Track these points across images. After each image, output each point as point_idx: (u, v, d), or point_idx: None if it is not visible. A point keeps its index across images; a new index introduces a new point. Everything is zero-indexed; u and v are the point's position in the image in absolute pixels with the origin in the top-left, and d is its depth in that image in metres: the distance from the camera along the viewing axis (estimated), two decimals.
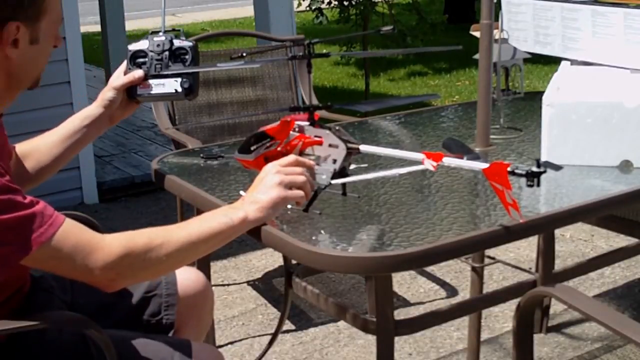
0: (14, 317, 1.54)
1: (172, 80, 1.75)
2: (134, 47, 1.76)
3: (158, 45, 1.75)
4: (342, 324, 3.05)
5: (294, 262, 2.44)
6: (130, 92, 1.79)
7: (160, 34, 1.77)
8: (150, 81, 1.75)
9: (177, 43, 1.75)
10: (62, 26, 4.30)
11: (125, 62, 1.79)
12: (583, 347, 2.86)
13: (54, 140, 1.82)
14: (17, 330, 1.57)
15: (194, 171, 2.10)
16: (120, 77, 1.81)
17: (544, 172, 1.44)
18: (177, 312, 1.83)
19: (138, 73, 1.76)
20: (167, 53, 1.74)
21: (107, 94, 1.80)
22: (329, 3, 6.82)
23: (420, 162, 1.53)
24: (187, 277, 1.88)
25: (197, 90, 1.77)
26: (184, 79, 1.74)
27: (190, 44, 1.75)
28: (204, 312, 1.90)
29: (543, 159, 1.93)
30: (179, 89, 1.75)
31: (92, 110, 1.81)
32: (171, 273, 1.86)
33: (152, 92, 1.77)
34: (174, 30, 1.82)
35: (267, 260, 3.72)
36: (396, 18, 7.08)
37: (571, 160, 1.92)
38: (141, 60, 1.77)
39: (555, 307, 3.03)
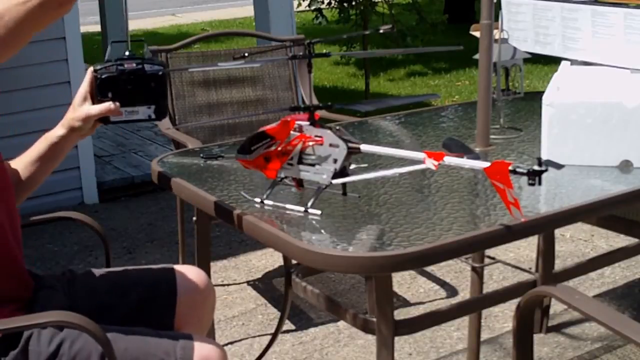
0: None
1: (144, 107, 1.71)
2: (102, 74, 1.68)
3: (130, 75, 1.69)
4: (342, 324, 3.05)
5: (294, 262, 2.44)
6: (102, 118, 1.73)
7: (130, 61, 1.69)
8: (123, 109, 1.71)
9: (148, 68, 1.70)
10: (62, 26, 4.34)
11: (86, 83, 1.72)
12: (583, 347, 2.86)
13: (25, 162, 1.80)
14: (17, 330, 1.58)
15: (194, 171, 2.10)
16: (86, 105, 1.71)
17: (546, 170, 1.44)
18: (177, 311, 1.83)
19: (113, 106, 1.69)
20: (138, 81, 1.69)
21: (75, 122, 1.72)
22: (329, 3, 6.82)
23: (421, 162, 1.54)
24: (187, 276, 1.88)
25: (166, 112, 1.76)
26: (156, 106, 1.72)
27: (160, 68, 1.70)
28: (204, 311, 1.90)
29: (543, 158, 1.93)
30: (152, 115, 1.72)
31: (58, 132, 1.75)
32: (171, 273, 1.87)
33: (125, 118, 1.72)
34: (139, 40, 1.77)
35: (267, 260, 3.72)
36: (396, 18, 7.08)
37: (571, 160, 1.92)
38: (112, 88, 1.70)
39: (555, 307, 3.03)
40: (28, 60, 4.26)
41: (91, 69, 1.70)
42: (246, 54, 2.00)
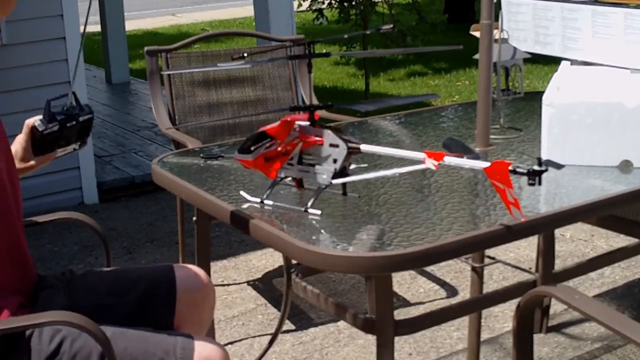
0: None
1: (72, 146, 1.95)
2: (43, 132, 1.86)
3: (68, 129, 1.89)
4: (342, 324, 3.05)
5: (294, 262, 2.44)
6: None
7: (65, 116, 1.88)
8: (59, 150, 1.94)
9: (81, 119, 1.90)
10: (62, 26, 4.34)
11: (26, 136, 1.90)
12: (583, 347, 2.86)
13: None
14: (17, 330, 1.58)
15: (194, 171, 2.10)
16: (28, 156, 1.90)
17: (546, 170, 1.44)
18: (177, 311, 1.83)
19: (53, 156, 1.93)
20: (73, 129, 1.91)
21: (22, 167, 1.90)
22: (330, 4, 6.82)
23: (421, 162, 1.54)
24: (187, 275, 1.88)
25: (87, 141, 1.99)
26: (80, 143, 1.96)
27: (90, 116, 1.92)
28: (204, 310, 1.90)
29: (543, 158, 1.93)
30: (77, 148, 1.95)
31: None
32: (170, 271, 1.87)
33: (60, 154, 1.96)
34: (73, 99, 1.93)
35: (267, 260, 3.72)
36: (396, 18, 7.08)
37: (571, 160, 1.92)
38: (49, 145, 1.90)
39: (555, 307, 3.03)
40: (28, 60, 4.26)
41: (30, 123, 1.88)
42: (246, 54, 2.00)
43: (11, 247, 1.73)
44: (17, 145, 1.89)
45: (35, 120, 1.87)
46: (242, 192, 1.84)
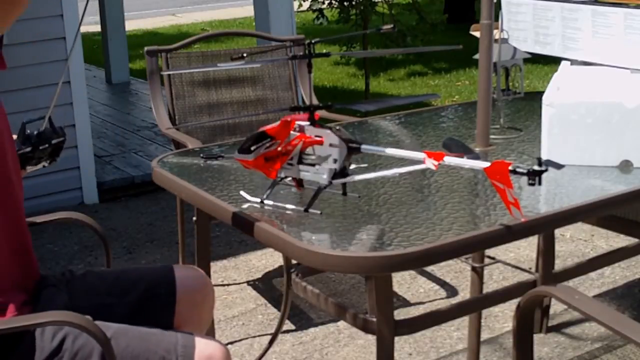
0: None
1: (42, 164, 1.99)
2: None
3: (41, 150, 1.94)
4: (342, 324, 3.05)
5: (294, 262, 2.44)
6: None
7: (39, 139, 1.93)
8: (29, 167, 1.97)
9: (54, 142, 1.96)
10: (62, 26, 4.34)
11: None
12: (583, 347, 2.86)
13: None
14: (17, 330, 1.58)
15: (194, 171, 2.10)
16: None
17: (546, 170, 1.44)
18: (176, 311, 1.83)
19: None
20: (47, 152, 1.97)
21: None
22: (330, 3, 6.82)
23: (421, 162, 1.54)
24: (186, 276, 1.88)
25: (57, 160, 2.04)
26: (50, 161, 2.01)
27: (62, 139, 1.98)
28: (204, 310, 1.91)
29: (543, 158, 1.93)
30: (47, 165, 2.00)
31: None
32: (170, 272, 1.87)
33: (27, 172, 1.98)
34: (42, 118, 1.99)
35: (267, 260, 3.72)
36: (396, 18, 7.08)
37: (571, 160, 1.92)
38: (23, 159, 1.93)
39: (555, 307, 3.03)
40: (28, 60, 4.26)
41: None
42: (245, 54, 2.00)
43: (18, 246, 1.73)
44: None
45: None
46: (242, 192, 1.84)
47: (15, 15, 1.63)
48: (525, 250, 3.63)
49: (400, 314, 3.02)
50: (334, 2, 6.77)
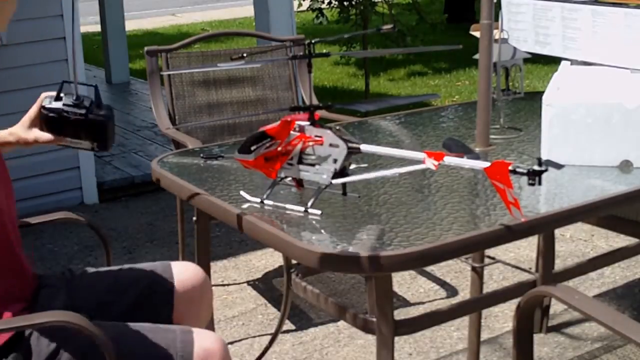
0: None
1: (88, 142, 1.83)
2: (49, 113, 1.78)
3: (74, 122, 1.79)
4: (342, 324, 3.05)
5: (294, 262, 2.44)
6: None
7: (76, 108, 1.78)
8: (69, 139, 1.82)
9: (92, 117, 1.79)
10: (62, 26, 4.34)
11: (36, 108, 1.81)
12: (583, 347, 2.86)
13: None
14: (17, 330, 1.58)
15: (194, 171, 2.10)
16: (35, 130, 1.82)
17: (546, 170, 1.44)
18: (175, 308, 1.84)
19: (58, 140, 1.82)
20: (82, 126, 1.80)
21: (22, 140, 1.83)
22: (329, 3, 6.82)
23: (421, 162, 1.54)
24: (184, 272, 1.89)
25: (111, 146, 1.86)
26: (99, 142, 1.83)
27: (103, 119, 1.80)
28: (202, 307, 1.91)
29: (543, 158, 1.94)
30: (96, 148, 1.84)
31: (6, 138, 1.85)
32: (168, 269, 1.87)
33: (69, 144, 1.84)
34: (89, 85, 1.86)
35: (267, 260, 3.72)
36: (396, 18, 7.08)
37: (571, 160, 1.92)
38: (57, 127, 1.80)
39: (555, 307, 3.03)
40: (28, 60, 4.26)
41: (43, 96, 1.79)
42: (245, 54, 2.00)
43: (7, 261, 1.71)
44: (27, 114, 1.84)
45: (49, 95, 1.81)
46: (242, 192, 1.84)
47: (10, 11, 1.63)
48: (525, 250, 3.63)
49: (400, 314, 3.02)
50: (333, 2, 6.77)
